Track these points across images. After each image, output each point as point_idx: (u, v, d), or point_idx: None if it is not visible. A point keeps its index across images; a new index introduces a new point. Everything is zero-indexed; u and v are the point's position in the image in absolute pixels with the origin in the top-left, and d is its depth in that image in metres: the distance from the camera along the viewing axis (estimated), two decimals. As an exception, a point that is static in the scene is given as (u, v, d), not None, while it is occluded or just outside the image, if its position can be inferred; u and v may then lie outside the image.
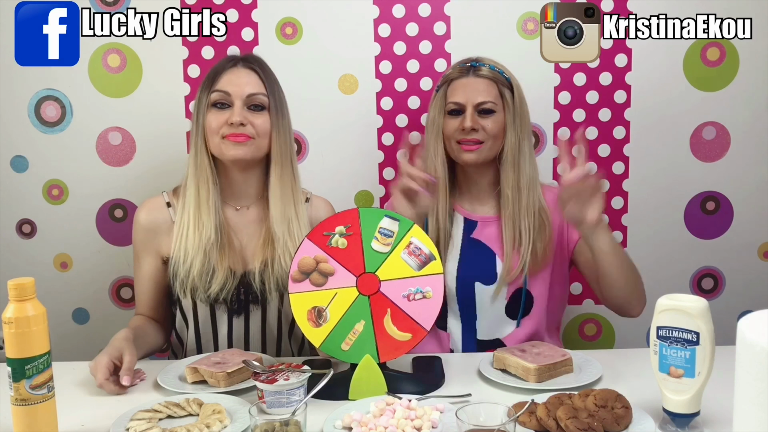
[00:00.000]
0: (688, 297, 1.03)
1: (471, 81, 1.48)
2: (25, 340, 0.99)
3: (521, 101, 1.49)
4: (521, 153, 1.48)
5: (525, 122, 1.49)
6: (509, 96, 1.48)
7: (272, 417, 1.02)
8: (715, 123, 1.80)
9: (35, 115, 1.80)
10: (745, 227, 1.85)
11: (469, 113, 1.46)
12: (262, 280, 1.41)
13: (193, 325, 1.46)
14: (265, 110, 1.41)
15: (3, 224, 1.85)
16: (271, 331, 1.47)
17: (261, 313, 1.45)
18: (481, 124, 1.46)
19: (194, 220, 1.40)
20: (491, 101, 1.47)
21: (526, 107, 1.50)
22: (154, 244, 1.46)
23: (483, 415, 0.98)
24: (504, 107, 1.48)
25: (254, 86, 1.40)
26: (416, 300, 1.21)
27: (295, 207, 1.43)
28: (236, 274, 1.41)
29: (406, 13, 1.77)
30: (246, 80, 1.40)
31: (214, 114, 1.39)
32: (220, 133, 1.38)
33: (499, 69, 1.49)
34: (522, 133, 1.48)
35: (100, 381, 1.22)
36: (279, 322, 1.47)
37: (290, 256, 1.37)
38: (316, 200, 1.54)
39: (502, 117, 1.48)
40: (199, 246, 1.39)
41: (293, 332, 1.50)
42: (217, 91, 1.39)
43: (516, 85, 1.49)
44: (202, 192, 1.40)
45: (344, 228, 1.22)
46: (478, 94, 1.47)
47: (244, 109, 1.38)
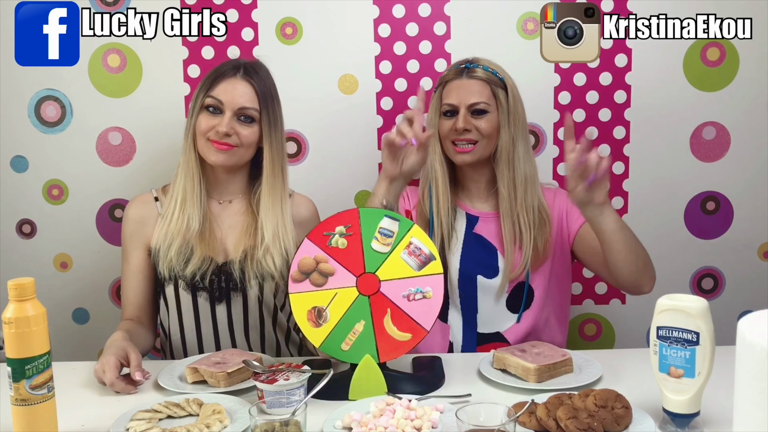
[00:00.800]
0: (688, 297, 1.03)
1: (464, 82, 1.50)
2: (25, 340, 0.99)
3: (515, 100, 1.51)
4: (515, 151, 1.50)
5: (519, 121, 1.51)
6: (503, 96, 1.50)
7: (272, 417, 1.02)
8: (715, 123, 1.80)
9: (35, 115, 1.80)
10: (745, 227, 1.85)
11: (462, 114, 1.48)
12: (242, 269, 1.44)
13: (176, 313, 1.48)
14: (255, 122, 1.44)
15: (3, 224, 1.85)
16: (254, 318, 1.49)
17: (242, 301, 1.47)
18: (474, 125, 1.48)
19: (179, 210, 1.45)
20: (484, 102, 1.49)
21: (521, 106, 1.52)
22: (142, 236, 1.49)
23: (483, 415, 0.98)
24: (497, 107, 1.50)
25: (247, 99, 1.43)
26: (416, 300, 1.21)
27: (283, 212, 1.47)
28: (215, 262, 1.45)
29: (406, 13, 1.77)
30: (241, 92, 1.42)
31: (205, 117, 1.43)
32: (206, 136, 1.43)
33: (493, 69, 1.51)
34: (516, 131, 1.50)
35: (111, 380, 1.22)
36: (260, 310, 1.48)
37: (271, 256, 1.43)
38: (298, 198, 1.56)
39: (496, 117, 1.50)
40: (179, 230, 1.44)
41: (277, 321, 1.51)
42: (212, 97, 1.42)
43: (510, 85, 1.51)
44: (188, 185, 1.46)
45: (344, 228, 1.22)
46: (471, 95, 1.49)
47: (234, 120, 1.42)
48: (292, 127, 1.80)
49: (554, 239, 1.54)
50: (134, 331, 1.43)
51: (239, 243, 1.47)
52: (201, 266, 1.43)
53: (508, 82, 1.51)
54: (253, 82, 1.44)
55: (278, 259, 1.44)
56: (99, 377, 1.25)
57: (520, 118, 1.51)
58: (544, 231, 1.51)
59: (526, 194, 1.50)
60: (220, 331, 1.48)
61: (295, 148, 1.82)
